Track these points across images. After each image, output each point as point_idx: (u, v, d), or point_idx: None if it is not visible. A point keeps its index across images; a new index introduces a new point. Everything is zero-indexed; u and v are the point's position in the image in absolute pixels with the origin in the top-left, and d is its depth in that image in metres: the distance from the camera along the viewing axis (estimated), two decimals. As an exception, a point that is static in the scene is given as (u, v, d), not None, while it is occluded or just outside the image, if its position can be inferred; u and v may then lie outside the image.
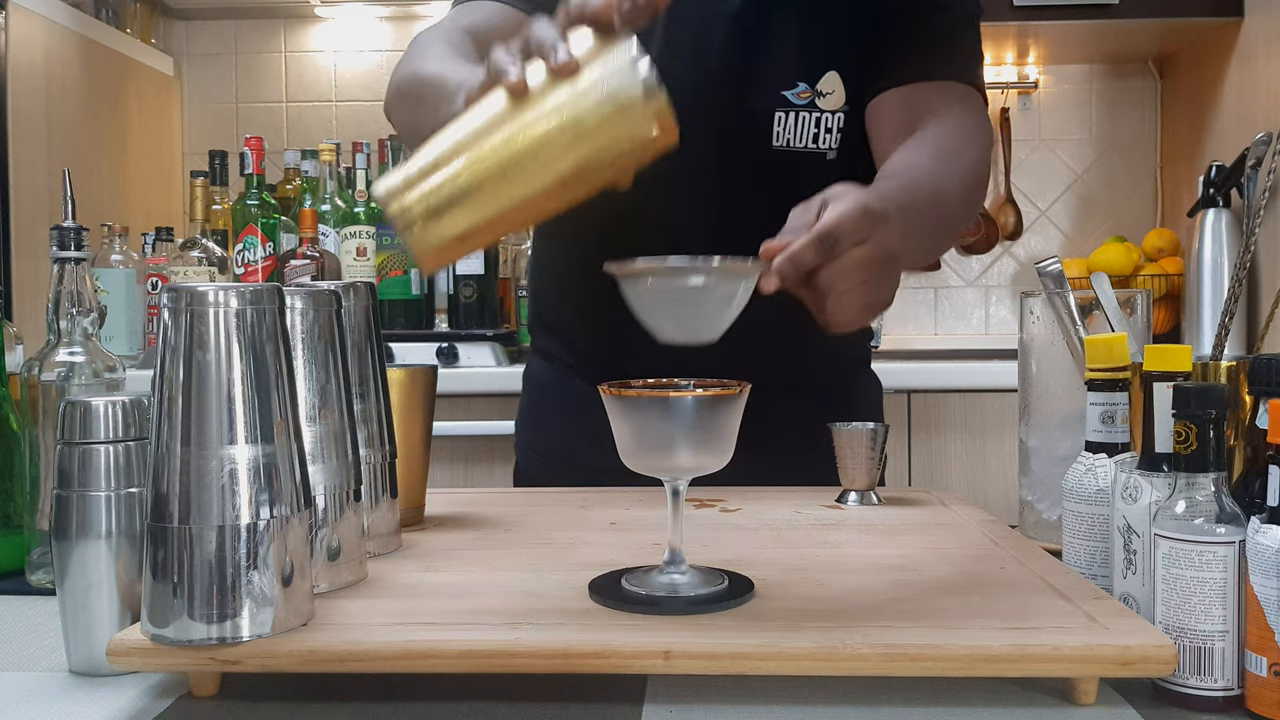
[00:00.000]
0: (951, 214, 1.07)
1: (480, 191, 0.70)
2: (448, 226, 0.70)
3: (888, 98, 1.14)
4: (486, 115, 0.72)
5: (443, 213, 0.70)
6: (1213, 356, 0.80)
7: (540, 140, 0.70)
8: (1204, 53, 2.49)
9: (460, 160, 0.70)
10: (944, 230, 1.08)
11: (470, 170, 0.70)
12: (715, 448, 0.74)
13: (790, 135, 1.15)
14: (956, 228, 1.13)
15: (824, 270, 0.77)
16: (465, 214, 0.70)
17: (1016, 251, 2.80)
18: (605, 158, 0.71)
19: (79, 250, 0.88)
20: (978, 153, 1.11)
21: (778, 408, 1.13)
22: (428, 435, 1.00)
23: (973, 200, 1.11)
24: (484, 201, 0.70)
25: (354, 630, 0.67)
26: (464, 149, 0.71)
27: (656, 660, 0.64)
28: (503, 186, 0.70)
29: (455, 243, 0.71)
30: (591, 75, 0.70)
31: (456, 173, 0.70)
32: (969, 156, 1.09)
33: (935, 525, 0.97)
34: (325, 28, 2.82)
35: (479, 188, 0.70)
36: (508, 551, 0.88)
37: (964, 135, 1.10)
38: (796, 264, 0.75)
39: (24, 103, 2.17)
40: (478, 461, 2.10)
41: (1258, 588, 0.60)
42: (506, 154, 0.70)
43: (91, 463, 0.70)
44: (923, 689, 0.66)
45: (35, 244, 2.16)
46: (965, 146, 1.10)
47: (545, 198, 0.72)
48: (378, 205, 0.71)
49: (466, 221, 0.70)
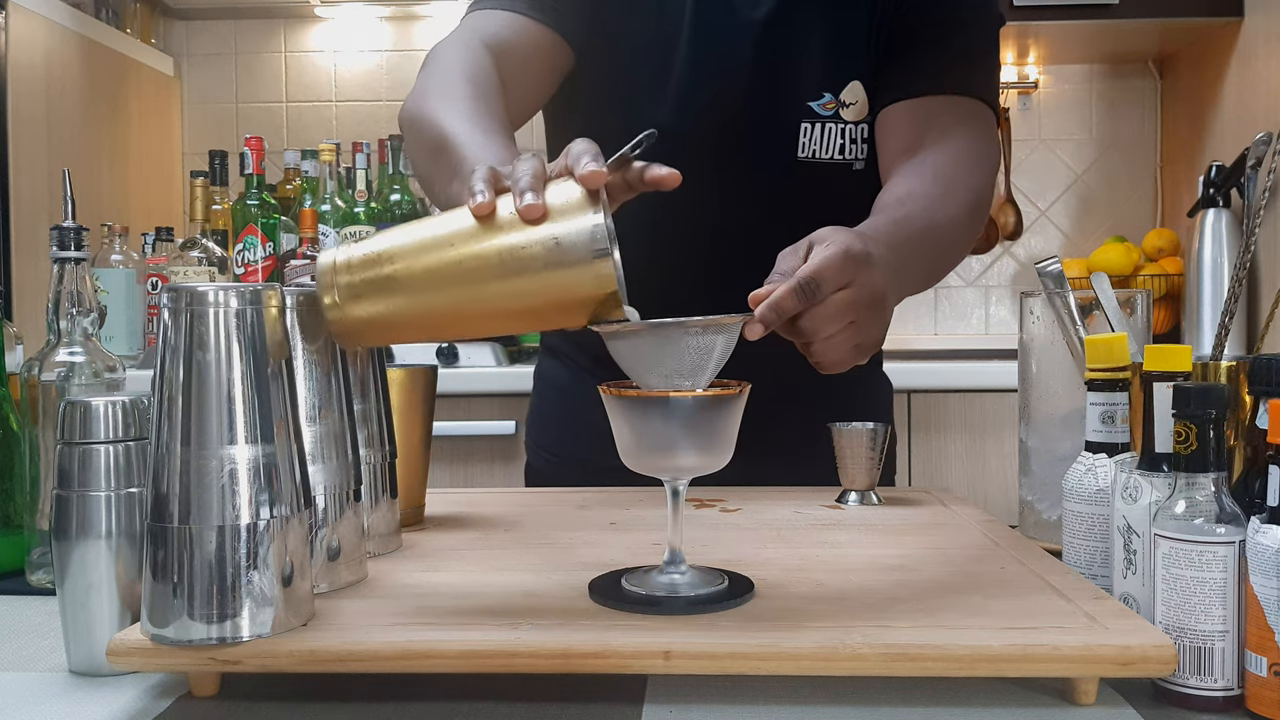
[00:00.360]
0: (948, 244, 1.06)
1: (405, 289, 0.71)
2: (363, 309, 0.71)
3: (897, 110, 1.13)
4: (445, 223, 0.72)
5: (362, 296, 0.70)
6: (1213, 356, 0.80)
7: (475, 264, 0.70)
8: (1204, 53, 2.49)
9: (398, 254, 0.71)
10: (940, 260, 1.07)
11: (403, 266, 0.70)
12: (715, 448, 0.74)
13: (816, 147, 1.14)
14: (954, 255, 1.12)
15: (806, 316, 0.78)
16: (383, 303, 0.71)
17: (1016, 251, 2.80)
18: (539, 302, 0.71)
19: (79, 250, 0.88)
20: (980, 179, 1.10)
21: (786, 409, 1.13)
22: (428, 435, 1.00)
23: (972, 226, 1.10)
24: (405, 299, 0.71)
25: (354, 630, 0.67)
26: (406, 246, 0.71)
27: (656, 660, 0.64)
28: (429, 292, 0.71)
29: (367, 327, 0.71)
30: (551, 225, 0.70)
31: (390, 264, 0.71)
32: (970, 183, 1.08)
33: (935, 525, 0.97)
34: (325, 28, 2.82)
35: (405, 285, 0.70)
36: (508, 551, 0.88)
37: (967, 159, 1.09)
38: (779, 311, 0.76)
39: (24, 103, 2.17)
40: (478, 461, 2.10)
41: (1258, 588, 0.60)
42: (438, 263, 0.70)
43: (91, 463, 0.70)
44: (923, 689, 0.66)
45: (35, 244, 2.16)
46: (967, 172, 1.08)
47: (475, 318, 0.73)
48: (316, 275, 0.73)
49: (382, 309, 0.71)
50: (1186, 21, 2.38)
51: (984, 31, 1.18)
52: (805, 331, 0.79)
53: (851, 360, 0.82)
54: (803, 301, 0.77)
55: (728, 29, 1.14)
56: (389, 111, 2.79)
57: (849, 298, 0.79)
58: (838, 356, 0.81)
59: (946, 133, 1.09)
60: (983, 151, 1.12)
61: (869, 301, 0.80)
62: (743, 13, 1.14)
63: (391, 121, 2.74)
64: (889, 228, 0.93)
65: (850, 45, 1.14)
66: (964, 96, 1.13)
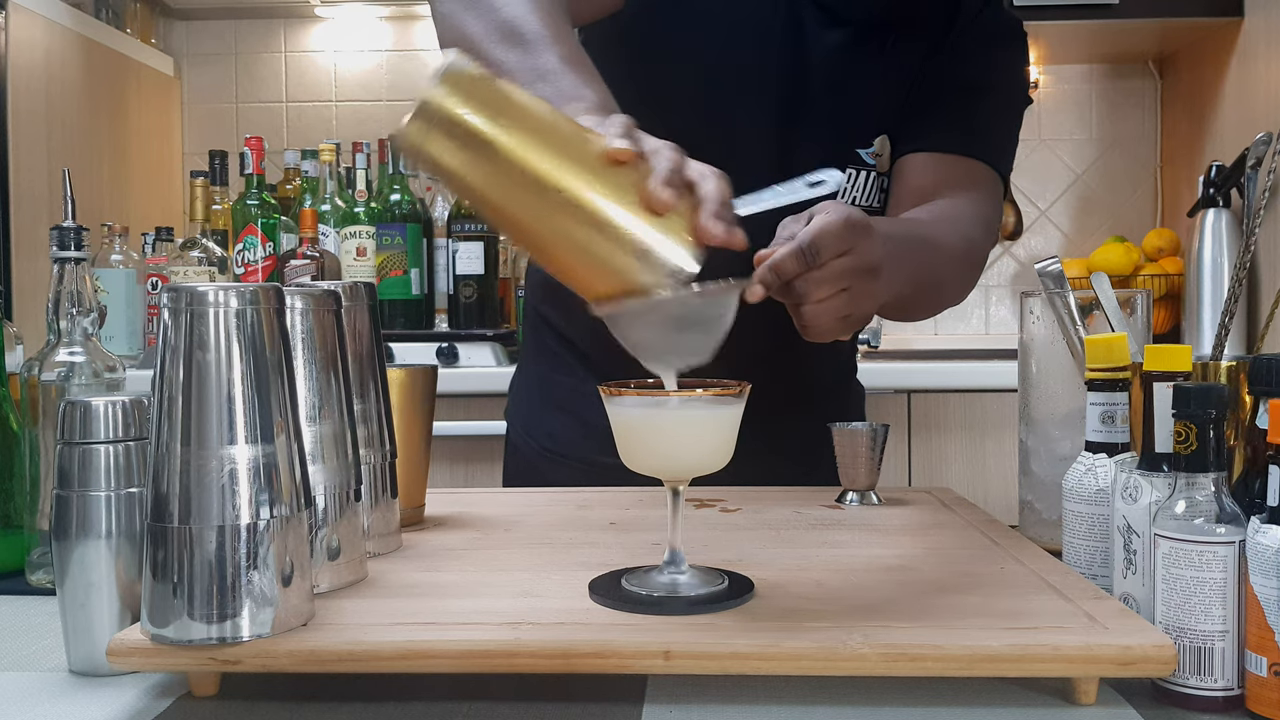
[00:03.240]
0: (940, 267, 1.07)
1: (490, 162, 0.68)
2: (440, 152, 0.68)
3: (912, 161, 1.14)
4: (562, 136, 0.70)
5: (451, 136, 0.67)
6: (1213, 356, 0.80)
7: (562, 196, 0.68)
8: (1204, 53, 2.49)
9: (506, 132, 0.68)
10: (929, 281, 1.07)
11: (504, 145, 0.67)
12: (715, 448, 0.74)
13: (857, 194, 1.14)
14: (942, 289, 1.12)
15: (802, 278, 0.78)
16: (460, 156, 0.68)
17: (1016, 251, 2.80)
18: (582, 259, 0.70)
19: (79, 250, 0.88)
20: (979, 235, 1.12)
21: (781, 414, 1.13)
22: (428, 435, 1.00)
23: (963, 270, 1.12)
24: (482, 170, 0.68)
25: (354, 630, 0.67)
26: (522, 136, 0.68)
27: (656, 660, 0.64)
28: (506, 183, 0.69)
29: (431, 166, 0.69)
30: (650, 229, 0.69)
31: (496, 133, 0.67)
32: (969, 233, 1.10)
33: (935, 525, 0.97)
34: (325, 28, 2.82)
35: (491, 159, 0.68)
36: (508, 551, 0.88)
37: (969, 214, 1.11)
38: (779, 273, 0.77)
39: (24, 103, 2.17)
40: (478, 461, 2.10)
41: (1258, 588, 0.60)
42: (535, 168, 0.68)
43: (91, 463, 0.70)
44: (923, 689, 0.66)
45: (35, 244, 2.16)
46: (969, 223, 1.10)
47: (520, 224, 0.71)
48: (440, 70, 0.67)
49: (455, 161, 0.68)
50: (1186, 21, 2.38)
51: (1011, 100, 1.19)
52: (799, 294, 0.79)
53: (837, 330, 0.83)
54: (802, 264, 0.77)
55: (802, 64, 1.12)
56: (389, 111, 2.79)
57: (846, 264, 0.79)
58: (826, 323, 0.82)
59: (956, 190, 1.11)
60: (985, 216, 1.14)
61: (865, 270, 0.81)
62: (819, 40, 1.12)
63: (391, 121, 2.73)
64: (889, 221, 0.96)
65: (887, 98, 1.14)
66: (981, 162, 1.15)
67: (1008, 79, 1.19)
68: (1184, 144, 2.62)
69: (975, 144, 1.15)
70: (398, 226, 2.34)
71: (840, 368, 1.33)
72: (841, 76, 1.13)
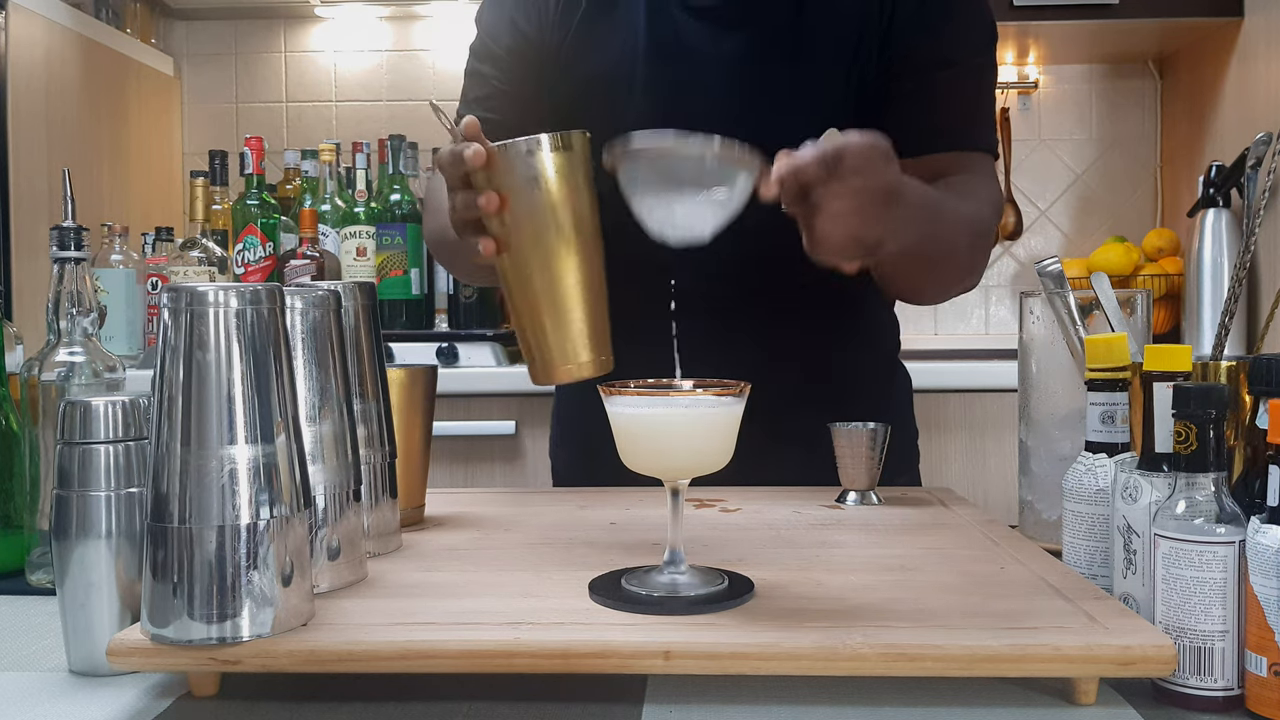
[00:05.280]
0: (951, 226, 1.06)
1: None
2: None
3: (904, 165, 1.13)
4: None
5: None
6: (1213, 356, 0.80)
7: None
8: (1204, 53, 2.49)
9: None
10: (942, 238, 1.06)
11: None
12: (715, 448, 0.74)
13: None
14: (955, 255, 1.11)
15: (820, 188, 0.78)
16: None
17: (1016, 251, 2.80)
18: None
19: (79, 250, 0.88)
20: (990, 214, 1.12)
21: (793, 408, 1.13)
22: (428, 435, 1.00)
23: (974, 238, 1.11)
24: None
25: (354, 630, 0.67)
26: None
27: (656, 660, 0.64)
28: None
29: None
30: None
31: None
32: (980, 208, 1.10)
33: (935, 525, 0.97)
34: (325, 28, 2.82)
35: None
36: (508, 551, 0.88)
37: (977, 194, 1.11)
38: (798, 175, 0.78)
39: (24, 103, 2.17)
40: (478, 461, 2.10)
41: (1258, 588, 0.60)
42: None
43: (91, 463, 0.70)
44: (923, 689, 0.66)
45: (35, 244, 2.16)
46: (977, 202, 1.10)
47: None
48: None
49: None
50: (1186, 21, 2.38)
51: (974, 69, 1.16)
52: (814, 203, 0.80)
53: (846, 250, 0.83)
54: (822, 171, 0.78)
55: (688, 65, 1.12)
56: (389, 111, 2.79)
57: (863, 183, 0.80)
58: (837, 239, 0.82)
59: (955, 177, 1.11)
60: (989, 193, 1.14)
61: (881, 193, 0.82)
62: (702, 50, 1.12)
63: (391, 121, 2.75)
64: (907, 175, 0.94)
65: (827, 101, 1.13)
66: (964, 151, 1.14)
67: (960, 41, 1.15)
68: (1184, 144, 2.62)
69: (953, 137, 1.14)
70: (398, 226, 2.34)
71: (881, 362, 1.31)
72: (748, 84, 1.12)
